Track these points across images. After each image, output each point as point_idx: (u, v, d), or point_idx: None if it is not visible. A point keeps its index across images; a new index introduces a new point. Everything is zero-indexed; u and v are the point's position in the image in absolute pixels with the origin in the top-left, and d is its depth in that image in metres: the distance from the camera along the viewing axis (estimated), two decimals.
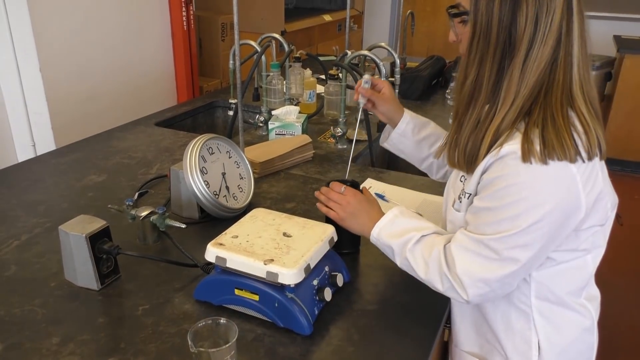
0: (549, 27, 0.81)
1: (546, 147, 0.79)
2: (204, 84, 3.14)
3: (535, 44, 0.81)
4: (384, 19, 5.34)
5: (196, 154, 1.21)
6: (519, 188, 0.81)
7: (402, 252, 0.94)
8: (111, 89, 2.55)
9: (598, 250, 0.93)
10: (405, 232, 0.95)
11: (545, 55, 0.82)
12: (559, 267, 0.90)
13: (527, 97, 0.83)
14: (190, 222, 1.22)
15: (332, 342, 0.90)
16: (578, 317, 0.95)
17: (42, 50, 2.16)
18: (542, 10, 0.80)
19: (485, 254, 0.84)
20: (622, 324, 2.39)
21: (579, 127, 0.82)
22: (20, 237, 1.18)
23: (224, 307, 0.96)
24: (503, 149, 0.82)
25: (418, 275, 0.92)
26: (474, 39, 0.85)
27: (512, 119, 0.83)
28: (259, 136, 1.86)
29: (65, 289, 1.01)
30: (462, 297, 0.87)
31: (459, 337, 1.05)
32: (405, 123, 1.21)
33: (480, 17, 0.83)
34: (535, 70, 0.82)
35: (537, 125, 0.81)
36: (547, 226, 0.81)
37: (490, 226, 0.84)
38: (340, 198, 1.05)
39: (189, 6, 2.86)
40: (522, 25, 0.81)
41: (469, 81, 0.87)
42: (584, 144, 0.81)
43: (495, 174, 0.83)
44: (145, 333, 0.91)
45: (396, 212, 0.99)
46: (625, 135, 3.77)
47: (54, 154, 1.67)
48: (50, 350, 0.86)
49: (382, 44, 1.79)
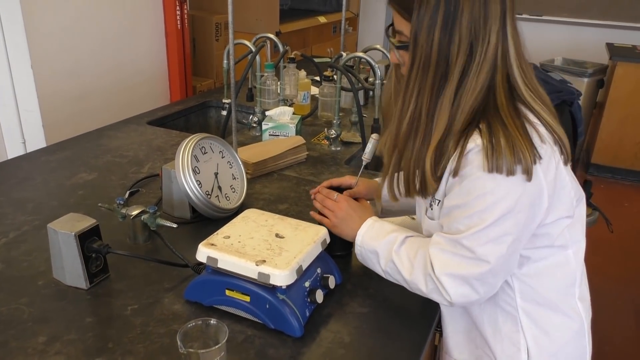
0: (483, 56, 0.82)
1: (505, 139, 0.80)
2: (197, 84, 3.13)
3: (470, 72, 0.82)
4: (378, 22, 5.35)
5: (189, 153, 1.20)
6: (483, 181, 0.82)
7: (388, 255, 0.94)
8: (103, 87, 2.54)
9: (578, 246, 0.94)
10: (387, 234, 0.96)
11: (480, 82, 0.83)
12: (538, 265, 0.91)
13: (467, 120, 0.84)
14: (181, 222, 1.21)
15: (322, 344, 0.89)
16: (567, 320, 0.95)
17: (33, 47, 2.14)
18: (478, 39, 0.81)
19: (461, 253, 0.85)
20: (612, 330, 2.40)
21: (535, 121, 0.84)
22: (8, 234, 1.17)
23: (215, 307, 0.95)
24: (467, 145, 0.82)
25: (402, 277, 0.92)
26: (413, 69, 0.85)
27: (457, 140, 0.84)
28: (252, 137, 1.86)
29: (53, 288, 1.00)
30: (445, 298, 0.87)
31: (449, 344, 1.05)
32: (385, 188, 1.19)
33: (420, 47, 0.83)
34: (470, 97, 0.83)
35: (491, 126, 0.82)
36: (515, 216, 0.82)
37: (461, 222, 0.85)
38: (333, 205, 1.06)
39: (183, 5, 2.86)
40: (454, 54, 0.81)
41: (409, 112, 0.87)
42: (543, 135, 0.83)
43: (460, 172, 0.84)
44: (133, 333, 0.89)
45: (375, 217, 1.01)
46: (616, 142, 3.80)
47: (44, 151, 1.66)
48: (36, 350, 0.85)
49: (378, 46, 1.79)
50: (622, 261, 2.92)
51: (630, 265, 2.89)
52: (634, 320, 2.49)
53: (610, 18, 4.28)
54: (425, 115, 0.86)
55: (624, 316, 2.53)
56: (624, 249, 2.99)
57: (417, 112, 0.86)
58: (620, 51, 3.89)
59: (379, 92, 1.63)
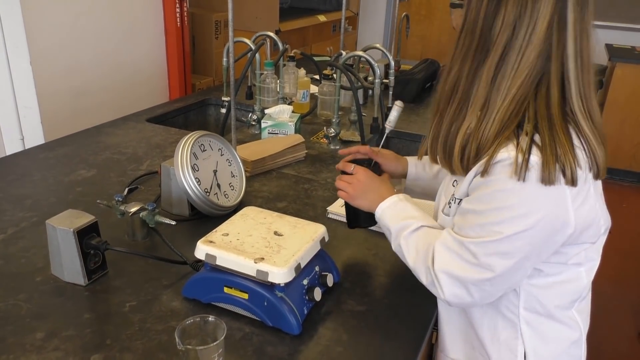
0: (527, 38, 0.79)
1: (540, 158, 0.77)
2: (196, 82, 3.13)
3: (511, 52, 0.80)
4: (378, 21, 5.35)
5: (188, 150, 1.20)
6: (506, 195, 0.79)
7: (397, 237, 0.95)
8: (102, 84, 2.53)
9: (592, 264, 0.92)
10: (406, 218, 0.96)
11: (525, 68, 0.80)
12: (548, 280, 0.89)
13: (511, 110, 0.81)
14: (180, 219, 1.21)
15: (320, 342, 0.89)
16: (566, 330, 0.94)
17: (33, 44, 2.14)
18: (523, 19, 0.79)
19: (464, 256, 0.84)
20: (609, 331, 2.41)
21: (576, 144, 0.80)
22: (6, 230, 1.17)
23: (213, 305, 0.95)
24: (497, 155, 0.80)
25: (407, 262, 0.93)
26: (462, 34, 0.85)
27: (496, 130, 0.81)
28: (251, 135, 1.86)
29: (51, 284, 1.00)
30: (440, 294, 0.87)
31: (445, 342, 1.05)
32: (413, 166, 1.18)
33: (470, 12, 0.83)
34: (512, 80, 0.80)
35: (531, 137, 0.79)
36: (530, 238, 0.80)
37: (473, 229, 0.84)
38: (351, 178, 1.06)
39: (183, 3, 2.85)
40: (497, 27, 0.80)
41: (451, 75, 0.87)
42: (580, 161, 0.79)
43: (486, 178, 0.82)
44: (131, 330, 0.89)
45: (401, 196, 1.00)
46: (614, 143, 3.81)
47: (42, 148, 1.65)
48: (34, 346, 0.85)
49: (377, 45, 1.78)
50: (620, 262, 2.92)
51: (628, 266, 2.89)
52: (631, 321, 2.50)
53: (609, 19, 4.28)
54: (463, 82, 0.85)
55: (622, 317, 2.53)
56: (622, 250, 2.99)
57: (457, 77, 0.86)
58: (619, 52, 3.89)
59: (378, 91, 1.63)
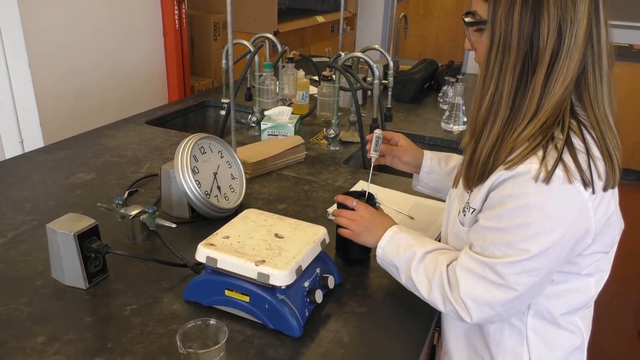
0: (573, 40, 0.77)
1: (563, 171, 0.76)
2: (195, 83, 3.13)
3: (560, 56, 0.77)
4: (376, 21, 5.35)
5: (188, 153, 1.20)
6: (529, 211, 0.77)
7: (407, 271, 0.92)
8: (101, 86, 2.53)
9: (601, 275, 0.92)
10: (407, 248, 0.93)
11: (572, 70, 0.78)
12: (557, 288, 0.89)
13: (551, 113, 0.79)
14: (180, 221, 1.21)
15: (321, 344, 0.89)
16: (570, 337, 0.94)
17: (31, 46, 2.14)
18: (566, 20, 0.76)
19: (490, 278, 0.82)
20: (609, 330, 2.41)
21: (596, 154, 0.79)
22: (6, 234, 1.16)
23: (214, 307, 0.95)
24: (517, 168, 0.78)
25: (421, 294, 0.91)
26: (492, 50, 0.81)
27: (531, 132, 0.79)
28: (251, 136, 1.86)
29: (52, 288, 1.00)
30: (464, 319, 0.85)
31: (448, 345, 1.05)
32: (429, 159, 1.18)
33: (499, 26, 0.79)
34: (560, 86, 0.78)
35: (555, 147, 0.77)
36: (556, 252, 0.79)
37: (498, 248, 0.81)
38: (353, 214, 1.03)
39: (181, 5, 2.85)
40: (544, 35, 0.76)
41: (487, 97, 0.82)
42: (601, 171, 0.78)
43: (505, 193, 0.80)
44: (132, 333, 0.89)
45: (394, 229, 0.98)
46: None
47: (41, 151, 1.65)
48: (35, 350, 0.85)
49: (376, 46, 1.78)
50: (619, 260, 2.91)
51: (627, 264, 2.89)
52: (631, 320, 2.50)
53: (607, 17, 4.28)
54: (506, 100, 0.81)
55: (622, 316, 2.53)
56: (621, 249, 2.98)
57: (497, 96, 0.81)
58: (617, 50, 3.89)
59: (377, 92, 1.63)
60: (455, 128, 1.95)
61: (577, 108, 0.82)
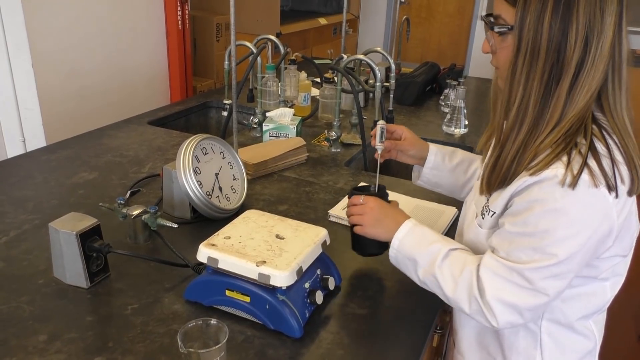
0: (599, 50, 0.77)
1: (588, 175, 0.76)
2: (197, 84, 3.13)
3: (585, 66, 0.77)
4: (379, 24, 5.36)
5: (190, 153, 1.20)
6: (556, 215, 0.78)
7: (429, 267, 0.89)
8: (104, 87, 2.54)
9: (617, 279, 0.92)
10: (430, 243, 0.92)
11: (596, 80, 0.78)
12: (574, 291, 0.89)
13: (574, 121, 0.80)
14: (182, 222, 1.21)
15: (322, 345, 0.90)
16: (583, 341, 0.94)
17: (34, 46, 2.14)
18: (593, 31, 0.76)
19: (518, 282, 0.81)
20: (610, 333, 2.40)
21: (619, 159, 0.80)
22: (8, 233, 1.17)
23: (214, 308, 0.95)
24: (543, 173, 0.78)
25: (443, 292, 0.89)
26: (519, 57, 0.80)
27: (554, 139, 0.80)
28: (252, 137, 1.86)
29: (53, 287, 1.00)
30: (490, 323, 0.84)
31: (462, 345, 1.04)
32: (433, 154, 1.17)
33: (527, 32, 0.78)
34: (584, 95, 0.79)
35: (579, 152, 0.78)
36: (582, 255, 0.80)
37: (524, 252, 0.81)
38: (362, 208, 1.01)
39: (184, 6, 2.86)
40: (571, 45, 0.76)
41: (516, 101, 0.82)
42: (624, 176, 0.79)
43: (530, 198, 0.80)
44: (133, 332, 0.90)
45: (413, 221, 0.96)
46: None
47: (44, 150, 1.66)
48: (37, 348, 0.85)
49: (378, 49, 1.79)
50: None
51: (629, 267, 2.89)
52: (631, 323, 2.50)
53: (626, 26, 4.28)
54: (533, 107, 0.81)
55: (622, 319, 2.53)
56: None
57: (524, 103, 0.81)
58: None
59: (379, 94, 1.64)
60: (457, 131, 1.96)
61: (598, 114, 0.83)
